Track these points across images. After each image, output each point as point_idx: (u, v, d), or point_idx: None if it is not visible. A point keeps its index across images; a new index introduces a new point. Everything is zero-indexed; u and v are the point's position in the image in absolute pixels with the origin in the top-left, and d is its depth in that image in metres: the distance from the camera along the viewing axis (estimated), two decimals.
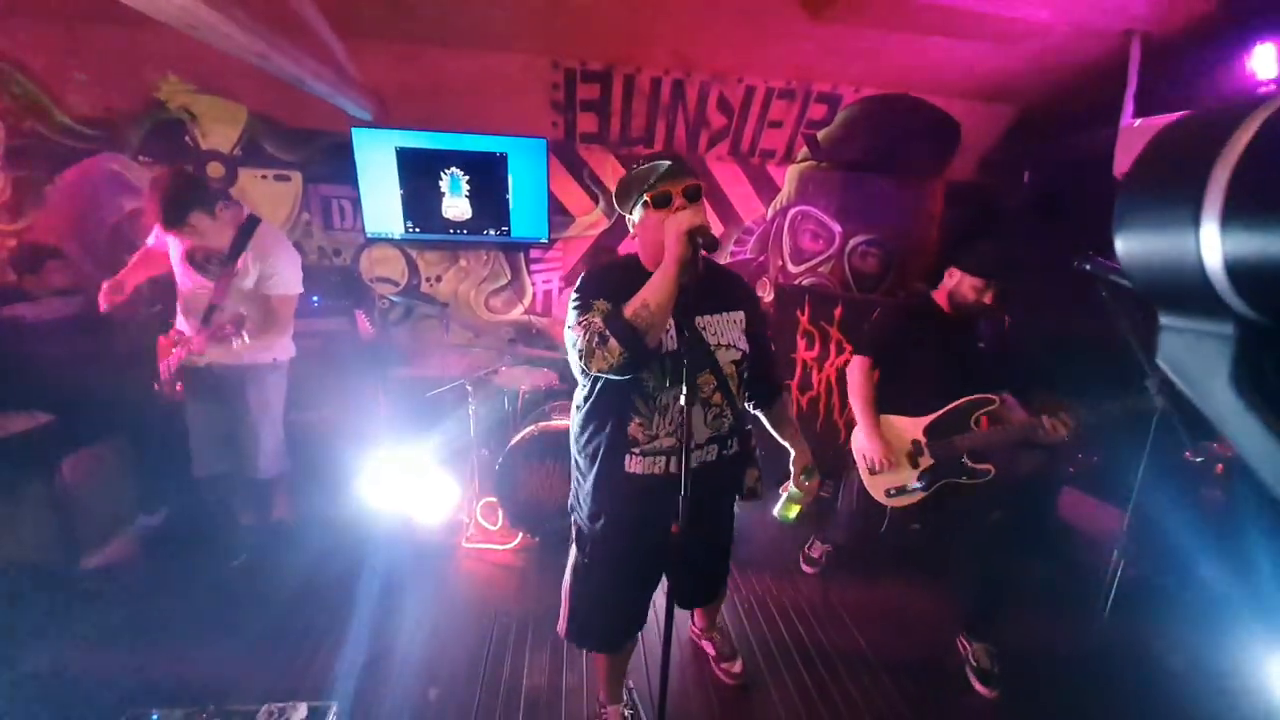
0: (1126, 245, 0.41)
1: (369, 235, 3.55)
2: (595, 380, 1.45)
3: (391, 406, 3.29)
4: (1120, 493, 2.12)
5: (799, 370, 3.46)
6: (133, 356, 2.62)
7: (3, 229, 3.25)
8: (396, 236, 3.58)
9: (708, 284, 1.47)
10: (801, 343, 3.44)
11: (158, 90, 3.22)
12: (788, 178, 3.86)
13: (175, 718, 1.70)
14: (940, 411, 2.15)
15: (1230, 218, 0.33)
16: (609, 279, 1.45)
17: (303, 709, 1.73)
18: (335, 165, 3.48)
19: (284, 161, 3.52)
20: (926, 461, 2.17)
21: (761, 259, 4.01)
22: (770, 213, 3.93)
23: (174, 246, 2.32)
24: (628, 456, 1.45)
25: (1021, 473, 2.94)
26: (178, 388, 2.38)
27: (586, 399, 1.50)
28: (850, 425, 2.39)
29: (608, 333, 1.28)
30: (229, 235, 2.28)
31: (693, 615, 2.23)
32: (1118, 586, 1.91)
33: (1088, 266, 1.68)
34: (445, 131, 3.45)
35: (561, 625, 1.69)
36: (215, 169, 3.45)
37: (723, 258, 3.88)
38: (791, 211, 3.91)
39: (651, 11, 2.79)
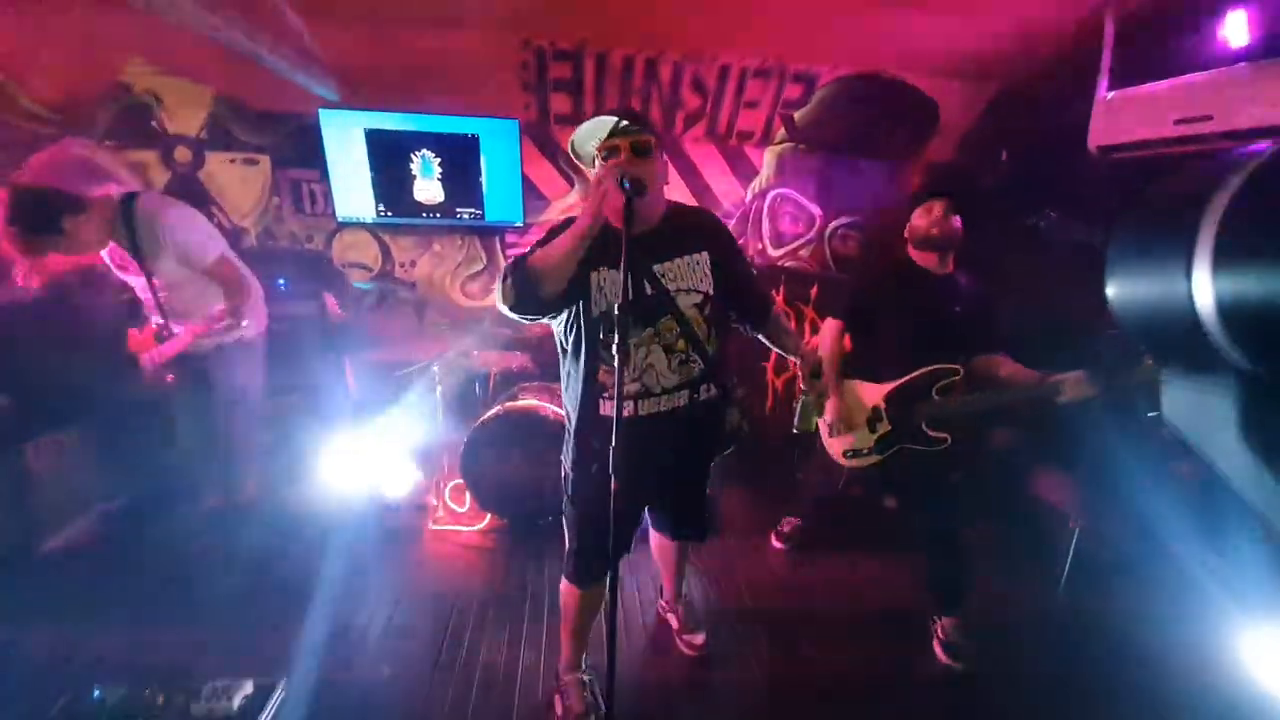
0: (1120, 290, 0.42)
1: (340, 220, 3.51)
2: (567, 331, 1.52)
3: (361, 389, 3.26)
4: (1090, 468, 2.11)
5: (775, 351, 3.43)
6: (97, 342, 2.59)
7: None
8: (368, 221, 3.54)
9: (668, 229, 1.50)
10: None
11: (123, 74, 3.17)
12: (766, 160, 3.81)
13: (118, 694, 1.68)
14: (900, 381, 2.13)
15: (1221, 260, 0.34)
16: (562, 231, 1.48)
17: (248, 686, 1.71)
18: (304, 148, 3.43)
19: (252, 145, 3.47)
20: (885, 428, 2.16)
21: (741, 243, 3.96)
22: (749, 196, 3.88)
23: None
24: (601, 401, 1.52)
25: (994, 444, 2.92)
26: (169, 378, 2.39)
27: (563, 350, 1.57)
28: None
29: (507, 274, 1.36)
30: (105, 228, 2.09)
31: (661, 588, 2.23)
32: (1077, 558, 1.89)
33: (1042, 224, 1.64)
34: (415, 113, 3.40)
35: (567, 566, 1.74)
36: (182, 153, 3.41)
37: None
38: (770, 194, 3.87)
39: None
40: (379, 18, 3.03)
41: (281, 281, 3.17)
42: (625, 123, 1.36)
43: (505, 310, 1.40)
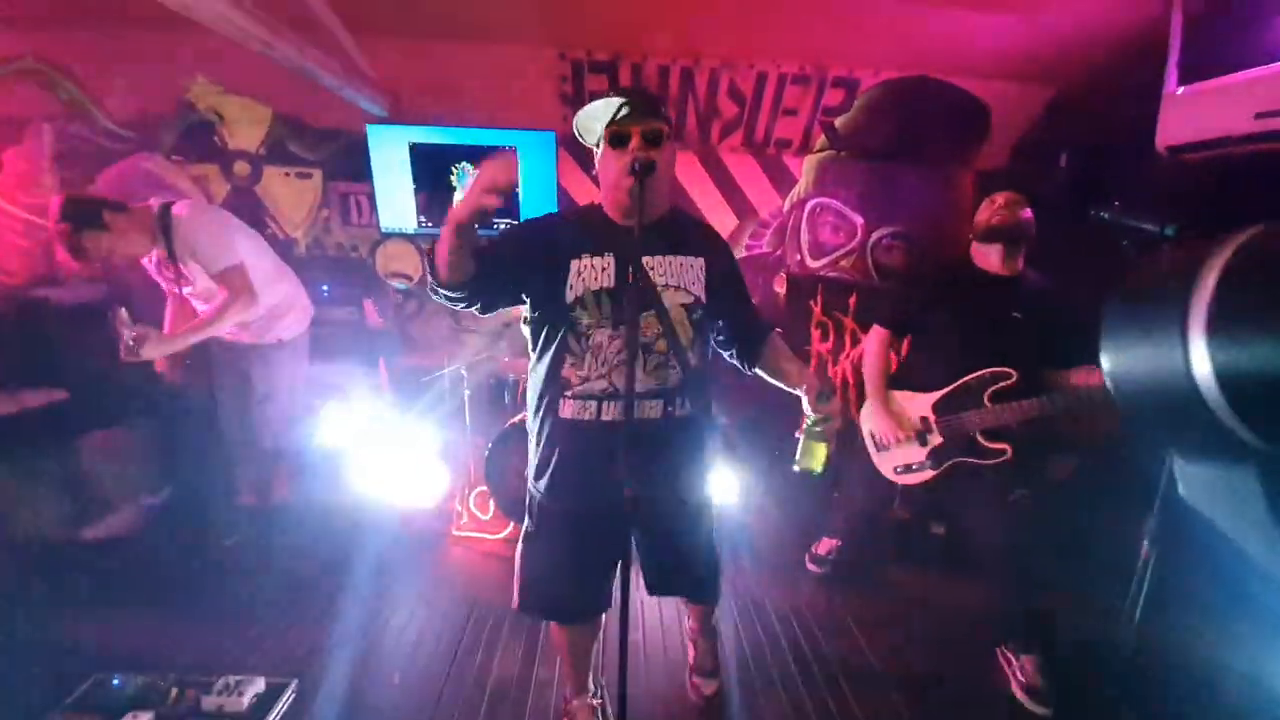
0: (1115, 362, 0.43)
1: (383, 230, 3.62)
2: (536, 326, 1.41)
3: (394, 393, 3.30)
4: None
5: (813, 364, 3.29)
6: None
7: (50, 231, 3.48)
8: (410, 231, 3.63)
9: (666, 227, 1.41)
10: (815, 334, 3.28)
11: (188, 92, 3.38)
12: (805, 168, 3.71)
13: (137, 683, 1.70)
14: (948, 388, 1.97)
15: (1217, 329, 0.34)
16: (541, 223, 1.45)
17: (260, 683, 1.71)
18: (353, 162, 3.57)
19: (306, 160, 3.64)
20: (936, 439, 2.00)
21: (778, 253, 3.86)
22: (787, 205, 3.79)
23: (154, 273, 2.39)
24: (561, 400, 1.37)
25: (1056, 475, 2.68)
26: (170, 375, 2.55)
27: (531, 343, 1.46)
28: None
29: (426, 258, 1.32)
30: (147, 233, 2.20)
31: (688, 613, 2.01)
32: (1152, 590, 1.67)
33: (1105, 215, 1.50)
34: (456, 126, 3.49)
35: (514, 599, 1.56)
36: (241, 167, 3.60)
37: (738, 253, 3.75)
38: (810, 203, 3.76)
39: None
40: (424, 35, 3.14)
41: (325, 288, 3.27)
42: (636, 107, 1.29)
43: (432, 296, 1.33)
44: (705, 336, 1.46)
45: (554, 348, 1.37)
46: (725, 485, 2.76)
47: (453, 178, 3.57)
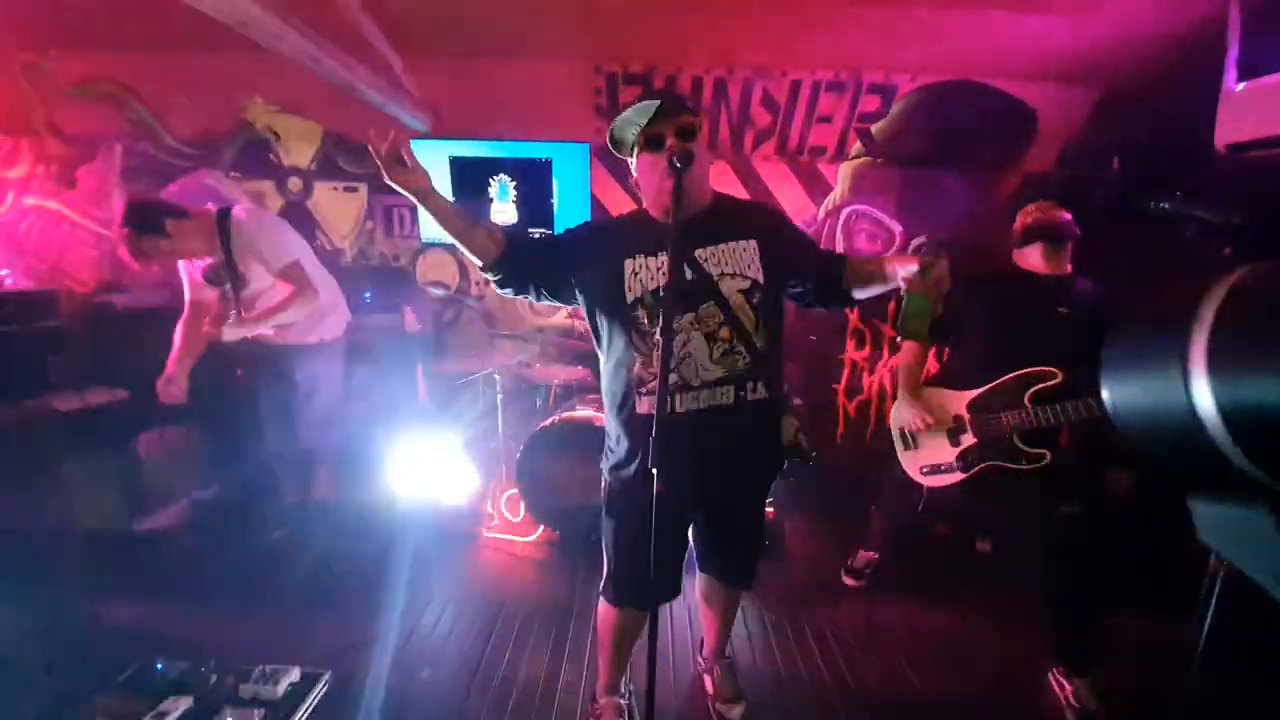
0: (1115, 392, 0.43)
1: (424, 241, 3.75)
2: (598, 324, 1.46)
3: (431, 397, 3.37)
4: None
5: (847, 372, 3.21)
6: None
7: (115, 237, 3.72)
8: (449, 241, 3.72)
9: (713, 216, 1.43)
10: (851, 342, 3.21)
11: (245, 112, 3.58)
12: (840, 176, 3.67)
13: (179, 667, 1.76)
14: (985, 386, 1.89)
15: (1218, 362, 0.34)
16: (592, 228, 1.52)
17: (295, 673, 1.74)
18: None
19: (353, 174, 3.80)
20: (968, 440, 1.91)
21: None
22: (821, 214, 3.74)
23: (187, 283, 2.48)
24: (637, 398, 1.41)
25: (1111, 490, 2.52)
26: (239, 373, 2.66)
27: (597, 344, 1.51)
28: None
29: None
30: (206, 237, 2.31)
31: (701, 644, 1.96)
32: (1221, 604, 1.54)
33: (1166, 205, 1.43)
34: (494, 140, 3.59)
35: (603, 584, 1.62)
36: (294, 183, 3.78)
37: None
38: (845, 211, 3.71)
39: (687, 7, 2.78)
40: (465, 53, 3.26)
41: (367, 295, 3.39)
42: (665, 106, 1.31)
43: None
44: (770, 318, 1.43)
45: (622, 348, 1.42)
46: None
47: (490, 190, 3.67)
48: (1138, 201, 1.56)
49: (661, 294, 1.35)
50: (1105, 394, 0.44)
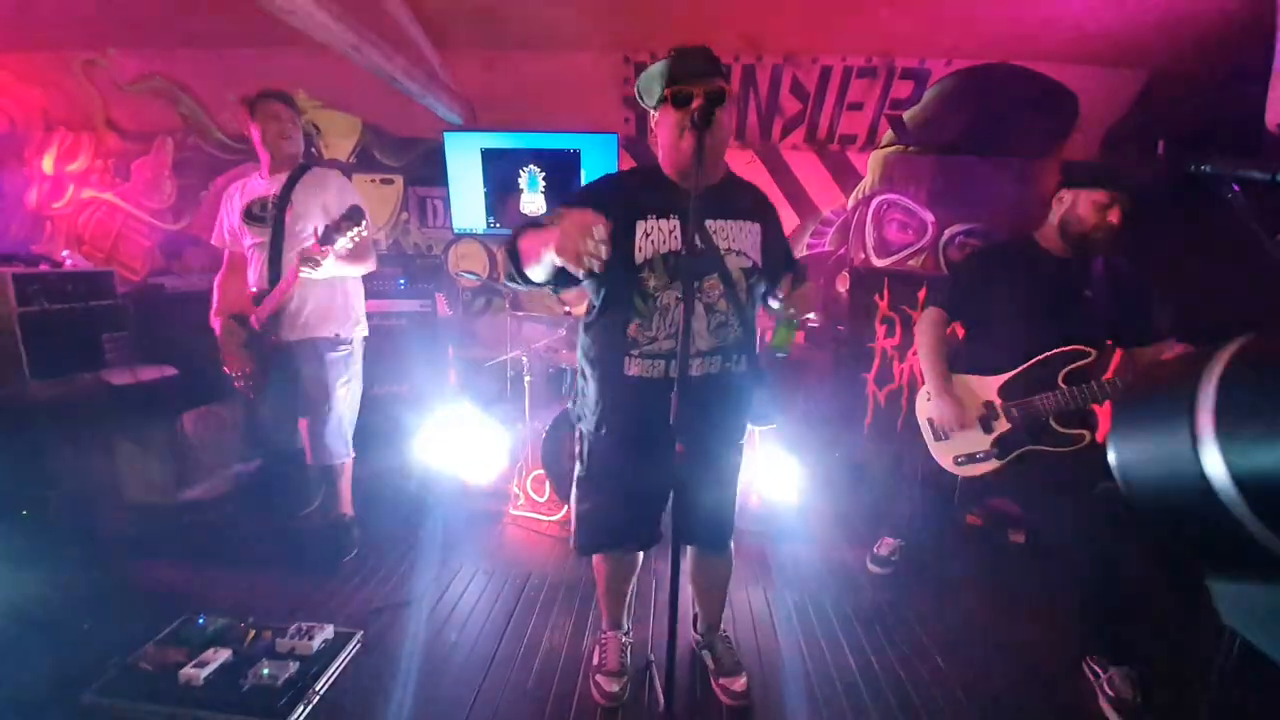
0: (1124, 463, 0.42)
1: (456, 231, 3.83)
2: (599, 284, 1.43)
3: (460, 379, 3.45)
4: None
5: (877, 361, 3.16)
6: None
7: (167, 227, 3.92)
8: (480, 232, 3.82)
9: (725, 190, 1.44)
10: (880, 330, 3.16)
11: None
12: (870, 164, 3.63)
13: (219, 624, 1.83)
14: (1017, 370, 1.84)
15: (1227, 426, 0.33)
16: (606, 189, 1.45)
17: (329, 630, 1.80)
18: (431, 168, 3.81)
19: (389, 167, 3.91)
20: (1002, 426, 1.86)
21: (840, 252, 3.77)
22: (851, 202, 3.70)
23: (232, 209, 2.25)
24: (626, 359, 1.41)
25: None
26: (275, 339, 2.25)
27: (592, 306, 1.49)
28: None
29: (504, 251, 1.36)
30: (298, 141, 2.28)
31: (695, 619, 1.93)
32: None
33: (1207, 168, 1.37)
34: (525, 131, 3.65)
35: (570, 539, 1.67)
36: None
37: (799, 250, 3.69)
38: (875, 200, 3.67)
39: None
40: (499, 46, 3.33)
41: (401, 281, 3.48)
42: (698, 66, 1.31)
43: (506, 282, 1.41)
44: (755, 300, 1.49)
45: (619, 307, 1.40)
46: (783, 483, 2.68)
47: (520, 181, 3.73)
48: (1180, 198, 1.50)
49: (669, 258, 1.36)
50: (1113, 462, 0.43)
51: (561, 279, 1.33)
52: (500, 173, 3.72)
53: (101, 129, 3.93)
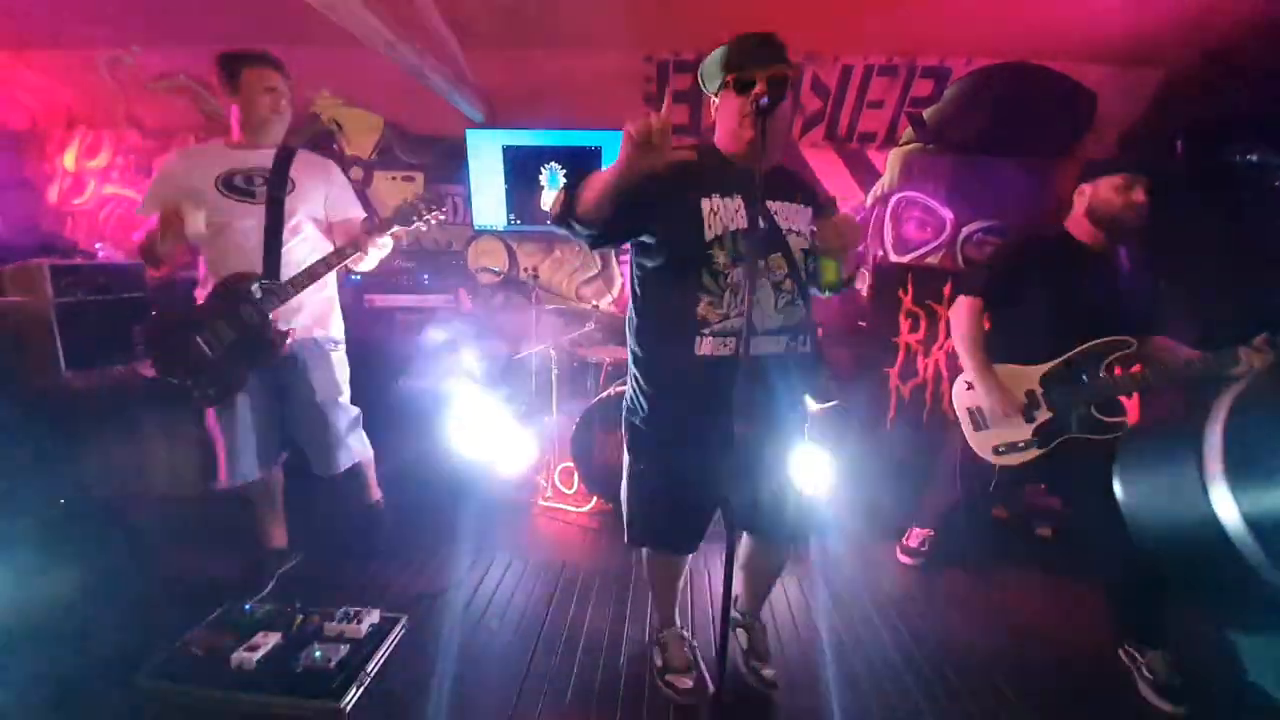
0: (1132, 505, 0.41)
1: (476, 228, 3.86)
2: (660, 263, 1.42)
3: (485, 372, 3.47)
4: None
5: (901, 355, 3.19)
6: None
7: None
8: (500, 228, 3.84)
9: (781, 174, 1.48)
10: (905, 325, 3.18)
11: (313, 105, 3.75)
12: (889, 162, 3.66)
13: (265, 609, 1.84)
14: (1062, 358, 1.87)
15: (1237, 470, 0.33)
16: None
17: (375, 614, 1.81)
18: (451, 165, 3.84)
19: (409, 164, 3.94)
20: (1044, 415, 1.88)
21: (860, 250, 3.79)
22: (869, 200, 3.74)
23: (188, 174, 1.93)
24: (698, 338, 1.39)
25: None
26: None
27: (642, 283, 1.48)
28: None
29: (562, 192, 1.32)
30: (285, 117, 2.04)
31: (735, 599, 1.88)
32: None
33: (1254, 158, 1.41)
34: (546, 129, 3.68)
35: (626, 534, 1.65)
36: (356, 172, 3.93)
37: None
38: (894, 198, 3.69)
39: None
40: (523, 44, 3.36)
41: (425, 277, 3.52)
42: (763, 52, 1.33)
43: (554, 225, 1.35)
44: (810, 281, 1.50)
45: (686, 286, 1.39)
46: (815, 475, 2.70)
47: (541, 178, 3.75)
48: (1221, 156, 1.53)
49: (738, 236, 1.37)
50: (1121, 502, 0.43)
51: (619, 221, 1.29)
52: (521, 170, 3.75)
53: (123, 126, 3.96)
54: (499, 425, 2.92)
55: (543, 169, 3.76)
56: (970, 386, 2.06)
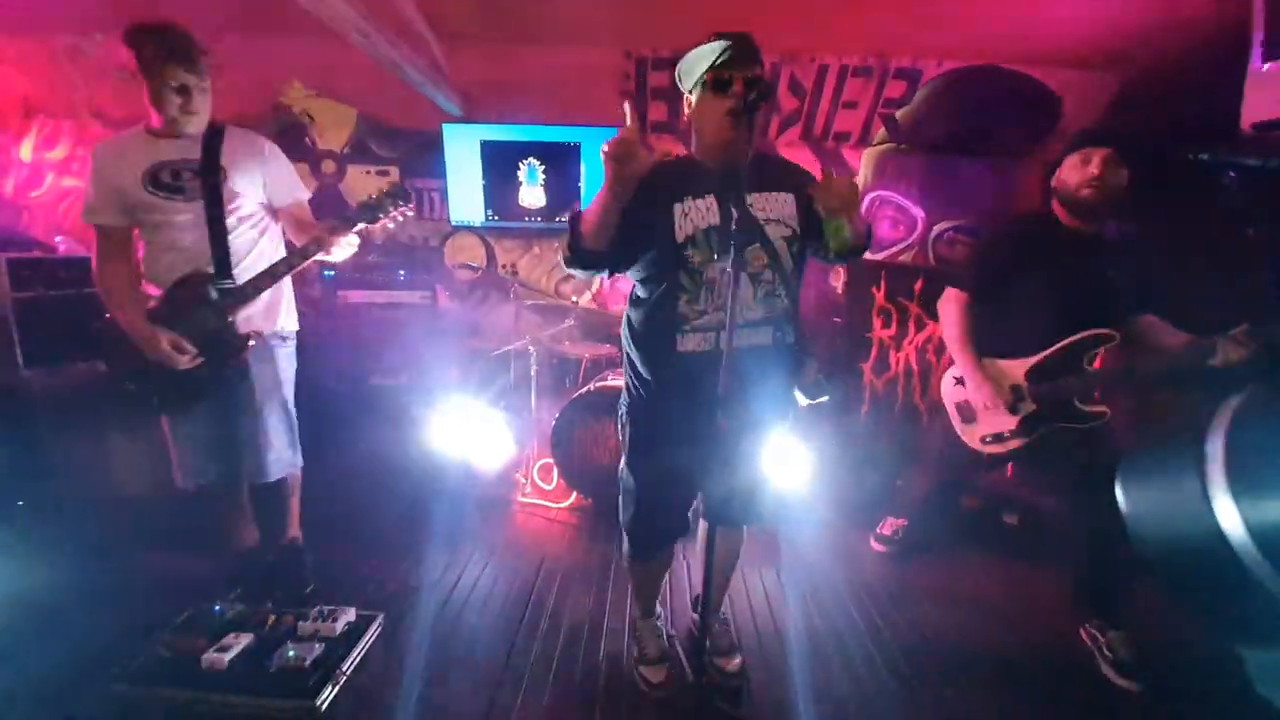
0: (1135, 516, 0.40)
1: (454, 223, 3.82)
2: (647, 266, 1.45)
3: (462, 370, 3.45)
4: None
5: (875, 350, 3.26)
6: None
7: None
8: (477, 224, 3.81)
9: (756, 167, 1.46)
10: (878, 321, 3.25)
11: (284, 95, 3.67)
12: (864, 161, 3.72)
13: (236, 610, 1.81)
14: (1046, 352, 1.91)
15: (1236, 476, 0.33)
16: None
17: (351, 613, 1.79)
18: (428, 160, 3.79)
19: (384, 158, 3.88)
20: (1029, 408, 1.94)
21: (870, 228, 3.85)
22: None
23: (118, 176, 1.77)
24: (679, 335, 1.43)
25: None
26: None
27: (633, 285, 1.52)
28: (933, 409, 2.21)
29: (568, 229, 1.37)
30: (201, 128, 1.83)
31: (694, 599, 2.00)
32: None
33: (1205, 156, 1.47)
34: (525, 124, 3.66)
35: (626, 535, 1.69)
36: (328, 166, 3.86)
37: None
38: (869, 197, 3.76)
39: None
40: (501, 39, 3.33)
41: (401, 273, 3.47)
42: (742, 54, 1.35)
43: (566, 267, 1.40)
44: (800, 269, 1.51)
45: (666, 286, 1.42)
46: (791, 466, 2.74)
47: (519, 173, 3.74)
48: (1177, 155, 1.59)
49: (711, 232, 1.39)
50: (1124, 513, 0.42)
51: (622, 248, 1.37)
52: (499, 165, 3.72)
53: (84, 116, 3.82)
54: (477, 422, 2.90)
55: (521, 164, 3.74)
56: (959, 381, 2.11)
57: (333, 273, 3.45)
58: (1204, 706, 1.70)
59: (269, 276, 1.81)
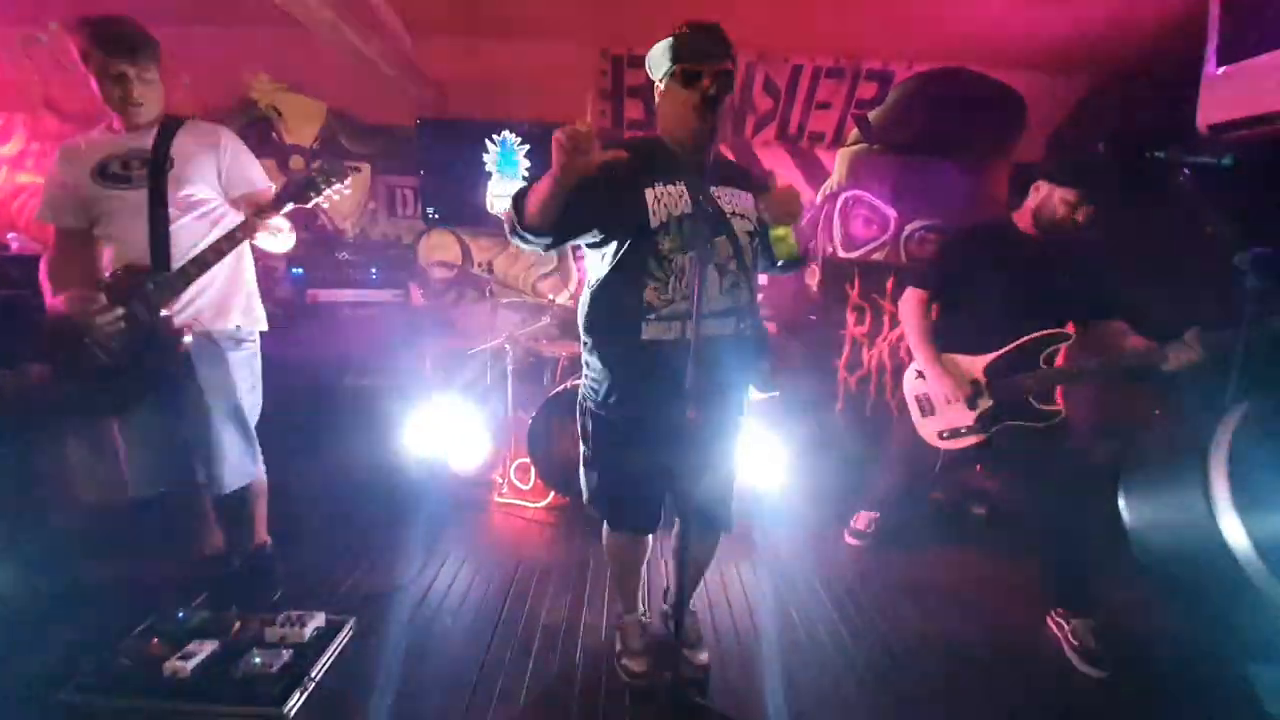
0: (1138, 530, 0.39)
1: (427, 221, 3.76)
2: (614, 251, 1.43)
3: (437, 369, 3.40)
4: None
5: (848, 347, 3.30)
6: None
7: None
8: (450, 226, 3.77)
9: (720, 163, 1.51)
10: (851, 318, 3.30)
11: (251, 89, 3.58)
12: (838, 161, 3.78)
13: (200, 617, 1.76)
14: (1003, 350, 1.97)
15: (1240, 489, 0.32)
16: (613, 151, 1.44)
17: (320, 618, 1.76)
18: (400, 157, 3.74)
19: (356, 154, 3.80)
20: (985, 404, 1.99)
21: (810, 247, 3.90)
22: (819, 198, 3.84)
23: (71, 172, 1.75)
24: (643, 324, 1.41)
25: (1095, 458, 2.63)
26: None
27: (594, 272, 1.51)
28: (903, 405, 2.26)
29: (511, 205, 1.34)
30: (154, 121, 1.79)
31: (665, 592, 2.01)
32: None
33: (1161, 155, 1.52)
34: (500, 120, 3.62)
35: (587, 501, 1.67)
36: (297, 162, 3.77)
37: None
38: (842, 197, 3.82)
39: None
40: (475, 34, 3.30)
41: (374, 271, 3.41)
42: (711, 47, 1.36)
43: (510, 239, 1.37)
44: (756, 264, 1.54)
45: (633, 273, 1.41)
46: (763, 463, 2.76)
47: (486, 158, 3.66)
48: (1122, 192, 1.65)
49: (685, 220, 1.39)
50: (1129, 527, 0.42)
51: (566, 224, 1.32)
52: (473, 162, 3.68)
53: (38, 110, 3.68)
54: (452, 422, 2.87)
55: (490, 139, 3.64)
56: (920, 375, 2.16)
57: (301, 270, 3.37)
58: (1166, 691, 1.75)
59: (196, 265, 1.68)
